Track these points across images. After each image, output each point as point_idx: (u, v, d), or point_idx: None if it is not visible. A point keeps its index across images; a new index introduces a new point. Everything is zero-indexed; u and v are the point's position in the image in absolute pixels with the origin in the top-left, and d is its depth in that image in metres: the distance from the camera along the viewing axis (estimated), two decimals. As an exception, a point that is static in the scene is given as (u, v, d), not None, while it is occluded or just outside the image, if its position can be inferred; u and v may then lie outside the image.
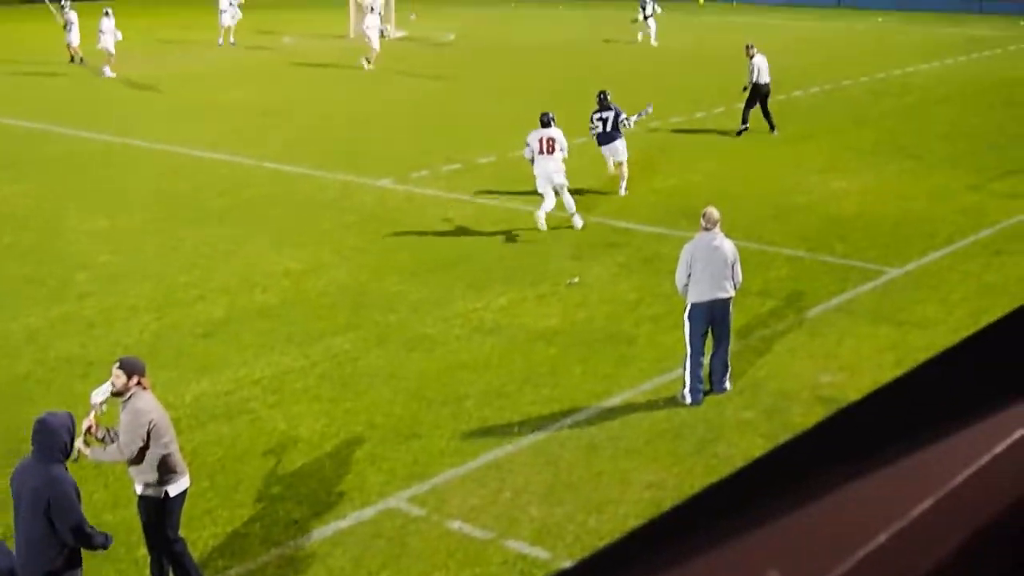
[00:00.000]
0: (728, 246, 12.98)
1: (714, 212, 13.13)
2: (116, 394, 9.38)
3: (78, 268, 17.87)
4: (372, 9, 40.75)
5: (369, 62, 39.30)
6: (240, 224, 20.16)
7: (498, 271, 17.41)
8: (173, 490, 9.47)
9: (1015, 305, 1.25)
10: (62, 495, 8.42)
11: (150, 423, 9.23)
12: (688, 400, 12.86)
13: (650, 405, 12.85)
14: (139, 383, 9.36)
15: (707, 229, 12.99)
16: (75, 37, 40.39)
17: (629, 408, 12.78)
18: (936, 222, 19.80)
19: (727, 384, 13.07)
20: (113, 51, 37.98)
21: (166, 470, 9.39)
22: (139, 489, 9.52)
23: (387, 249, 18.62)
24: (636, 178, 22.98)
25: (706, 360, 13.05)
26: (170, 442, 9.44)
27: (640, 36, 45.72)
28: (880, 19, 54.36)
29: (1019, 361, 1.14)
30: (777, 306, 15.81)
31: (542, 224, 19.00)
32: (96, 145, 27.17)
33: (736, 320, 13.50)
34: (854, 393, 12.84)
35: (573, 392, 13.18)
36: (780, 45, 29.06)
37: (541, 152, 19.24)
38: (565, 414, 12.62)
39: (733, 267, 12.93)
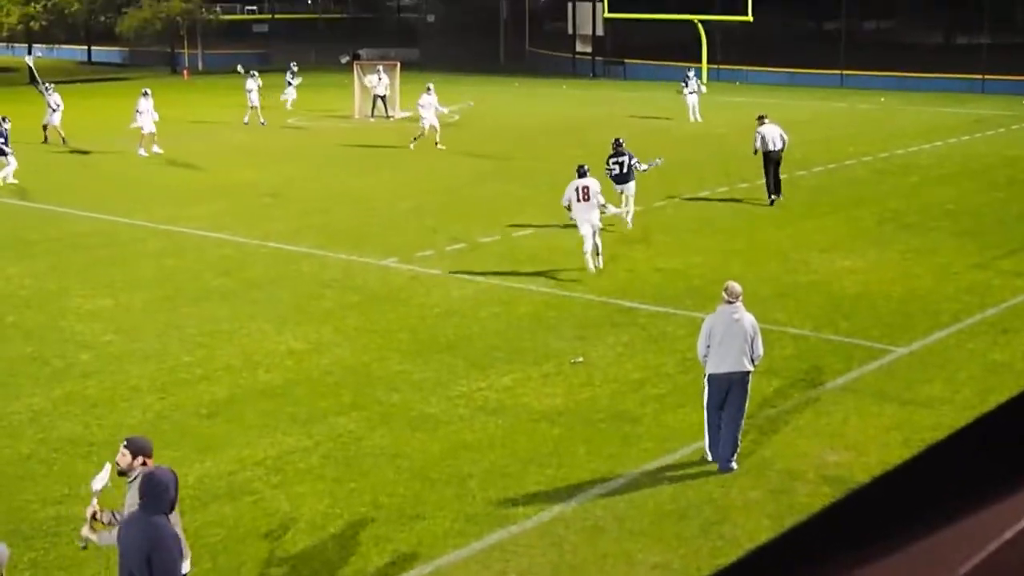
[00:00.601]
0: (748, 320, 13.00)
1: (735, 286, 13.20)
2: (121, 473, 9.34)
3: (81, 348, 17.86)
4: (428, 89, 40.49)
5: (415, 140, 39.41)
6: (243, 304, 20.18)
7: (502, 350, 17.39)
8: (176, 572, 9.39)
9: (1022, 383, 1.23)
10: (164, 547, 8.38)
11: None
12: (710, 457, 13.09)
13: (655, 485, 12.75)
14: (144, 463, 9.32)
15: (729, 302, 13.03)
16: (57, 118, 41.07)
17: (634, 488, 12.68)
18: (941, 300, 19.79)
19: (734, 464, 13.00)
20: (154, 130, 38.93)
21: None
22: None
23: (390, 328, 18.61)
24: (639, 257, 23.06)
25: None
26: (174, 523, 9.36)
27: (691, 115, 46.55)
28: (883, 99, 54.75)
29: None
30: (782, 385, 15.75)
31: (590, 264, 21.46)
32: (100, 225, 27.26)
33: (744, 399, 13.50)
34: (860, 473, 12.77)
35: (577, 472, 13.10)
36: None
37: (578, 200, 21.50)
38: (569, 494, 12.53)
39: (752, 341, 12.95)
